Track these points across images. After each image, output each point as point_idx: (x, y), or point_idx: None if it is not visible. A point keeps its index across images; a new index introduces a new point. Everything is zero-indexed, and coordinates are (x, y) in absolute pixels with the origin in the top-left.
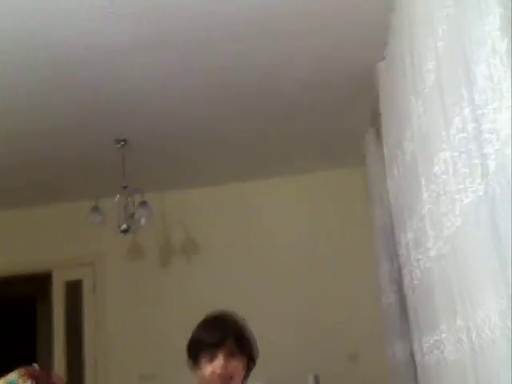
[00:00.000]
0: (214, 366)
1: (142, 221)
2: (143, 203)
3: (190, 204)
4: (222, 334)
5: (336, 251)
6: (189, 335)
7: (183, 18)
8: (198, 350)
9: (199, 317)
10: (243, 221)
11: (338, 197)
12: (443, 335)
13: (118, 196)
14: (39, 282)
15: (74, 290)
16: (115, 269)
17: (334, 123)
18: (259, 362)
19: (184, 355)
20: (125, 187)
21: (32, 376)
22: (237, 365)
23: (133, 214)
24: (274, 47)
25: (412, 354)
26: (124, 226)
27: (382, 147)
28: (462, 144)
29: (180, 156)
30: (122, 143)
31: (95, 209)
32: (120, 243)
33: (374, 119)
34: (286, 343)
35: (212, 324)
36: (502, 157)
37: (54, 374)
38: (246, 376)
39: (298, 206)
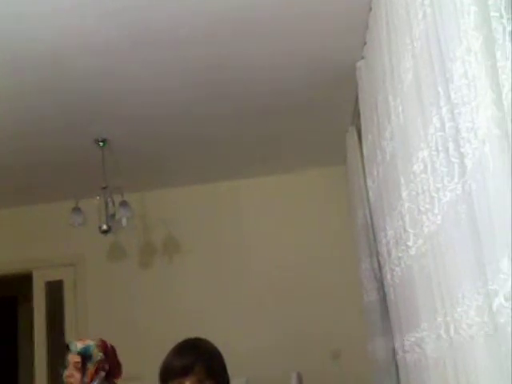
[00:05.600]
0: None
1: (124, 221)
2: (123, 203)
3: (171, 204)
4: (189, 362)
5: (318, 250)
6: (170, 335)
7: (165, 18)
8: (166, 377)
9: (181, 316)
10: (224, 220)
11: (319, 196)
12: (424, 333)
13: (98, 197)
14: (20, 283)
15: (54, 291)
16: (96, 269)
17: (315, 123)
18: (243, 360)
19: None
20: (105, 188)
21: (105, 349)
22: None
23: (113, 215)
24: (256, 48)
25: (393, 352)
26: (104, 227)
27: (363, 146)
28: (440, 143)
29: (160, 156)
30: (102, 143)
31: (76, 209)
32: (101, 243)
33: (355, 118)
34: (269, 341)
35: (181, 350)
36: (479, 155)
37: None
38: None
39: (280, 205)
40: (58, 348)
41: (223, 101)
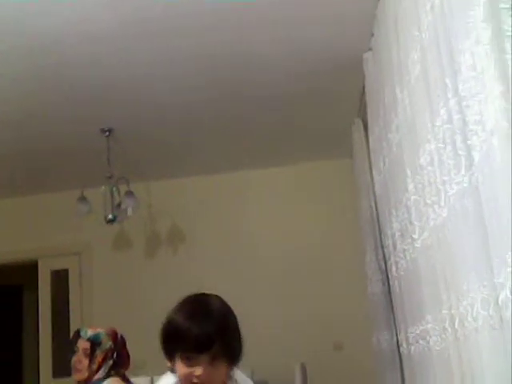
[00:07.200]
0: (190, 372)
1: (129, 211)
2: (129, 193)
3: (176, 194)
4: (206, 337)
5: (323, 241)
6: None
7: (168, 5)
8: (175, 347)
9: None
10: (229, 210)
11: (325, 188)
12: (429, 325)
13: (104, 186)
14: (25, 271)
15: (60, 279)
16: (101, 258)
17: (320, 114)
18: (247, 351)
19: None
20: (110, 177)
21: (115, 338)
22: (217, 372)
23: (119, 204)
24: (263, 36)
25: (397, 344)
26: (110, 216)
27: (369, 138)
28: (447, 135)
29: (166, 146)
30: (108, 133)
31: (81, 199)
32: (106, 233)
33: (361, 110)
34: (273, 332)
35: (194, 315)
36: (487, 147)
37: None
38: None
39: (285, 197)
40: (62, 336)
41: (230, 90)
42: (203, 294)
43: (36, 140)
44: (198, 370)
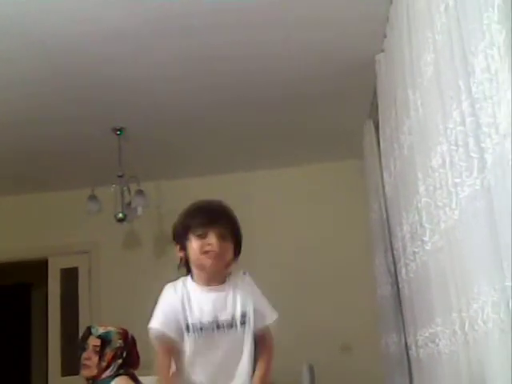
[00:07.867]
0: (204, 244)
1: (139, 210)
2: (139, 192)
3: (186, 194)
4: (213, 215)
5: (332, 243)
6: None
7: (178, 6)
8: (187, 229)
9: None
10: (238, 211)
11: (335, 189)
12: (438, 328)
13: (115, 185)
14: (35, 270)
15: (69, 278)
16: (111, 257)
17: (332, 115)
18: None
19: None
20: (121, 176)
21: (125, 338)
22: (226, 246)
23: (129, 203)
24: (273, 37)
25: (406, 347)
26: (120, 215)
27: (380, 140)
28: (459, 138)
29: (177, 145)
30: (119, 132)
31: (92, 197)
32: (116, 231)
33: (373, 111)
34: (281, 334)
35: (203, 207)
36: (500, 150)
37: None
38: (233, 263)
39: (295, 197)
40: (71, 335)
41: (241, 91)
42: (213, 200)
43: (48, 138)
44: (212, 238)
